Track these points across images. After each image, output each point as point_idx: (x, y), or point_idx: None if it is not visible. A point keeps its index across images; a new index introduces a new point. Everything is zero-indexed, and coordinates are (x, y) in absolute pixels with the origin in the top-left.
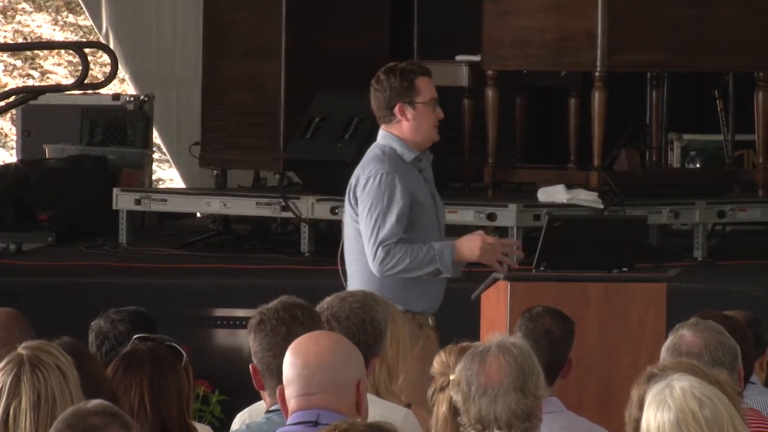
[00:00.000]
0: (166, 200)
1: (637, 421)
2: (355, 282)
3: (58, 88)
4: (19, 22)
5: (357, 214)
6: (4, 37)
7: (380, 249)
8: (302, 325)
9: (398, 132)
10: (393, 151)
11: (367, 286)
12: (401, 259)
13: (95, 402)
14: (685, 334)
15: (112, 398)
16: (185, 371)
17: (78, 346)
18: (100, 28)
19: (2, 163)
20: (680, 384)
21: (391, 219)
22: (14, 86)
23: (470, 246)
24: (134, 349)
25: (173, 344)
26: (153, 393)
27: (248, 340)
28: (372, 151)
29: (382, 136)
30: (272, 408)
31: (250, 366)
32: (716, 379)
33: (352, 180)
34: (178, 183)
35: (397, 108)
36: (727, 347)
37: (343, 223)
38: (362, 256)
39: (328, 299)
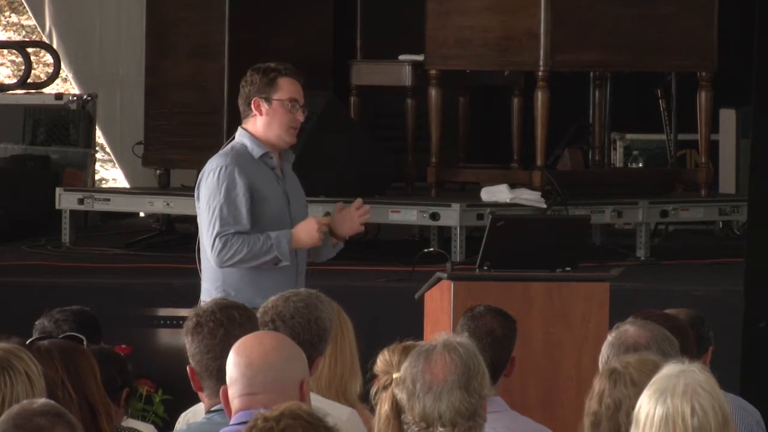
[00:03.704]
0: (109, 200)
1: (595, 414)
2: (205, 276)
3: (1, 88)
4: None
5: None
6: None
7: (217, 240)
8: (240, 326)
9: (252, 127)
10: (243, 147)
11: (213, 280)
12: (239, 249)
13: (41, 402)
14: (628, 329)
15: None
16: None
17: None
18: (43, 28)
19: None
20: (685, 381)
21: (228, 210)
22: None
23: (307, 230)
24: (36, 346)
25: (69, 334)
26: (71, 376)
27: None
28: (223, 147)
29: (238, 133)
30: (213, 408)
31: (187, 368)
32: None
33: (199, 175)
34: (122, 182)
35: (253, 102)
36: (672, 341)
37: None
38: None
39: (272, 299)
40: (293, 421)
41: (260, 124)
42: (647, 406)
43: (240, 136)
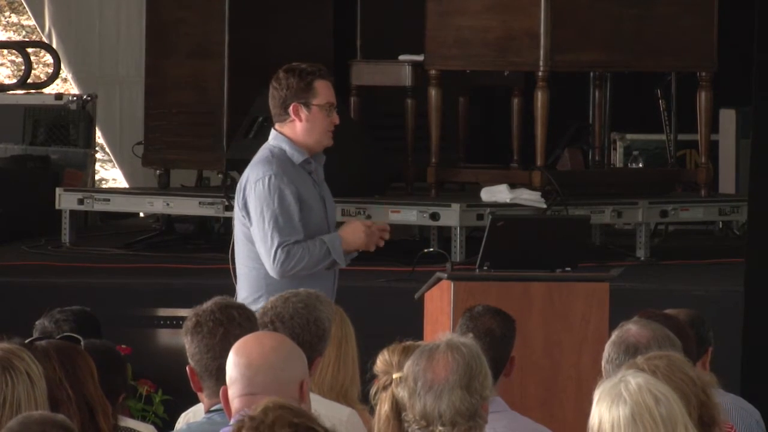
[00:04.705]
0: (109, 200)
1: None
2: (242, 285)
3: (1, 88)
4: None
5: (245, 218)
6: None
7: (280, 251)
8: (239, 326)
9: (290, 132)
10: (282, 152)
11: (254, 290)
12: (301, 257)
13: (60, 417)
14: (630, 328)
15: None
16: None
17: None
18: (42, 28)
19: None
20: (635, 380)
21: (284, 220)
22: None
23: (355, 233)
24: (34, 346)
25: (66, 334)
26: (69, 376)
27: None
28: (261, 152)
29: (273, 136)
30: (213, 408)
31: (187, 368)
32: (693, 370)
33: (241, 182)
34: (121, 183)
35: (291, 108)
36: (674, 341)
37: (233, 224)
38: (249, 261)
39: (272, 299)
40: (281, 411)
41: (299, 130)
42: (609, 415)
43: (277, 141)
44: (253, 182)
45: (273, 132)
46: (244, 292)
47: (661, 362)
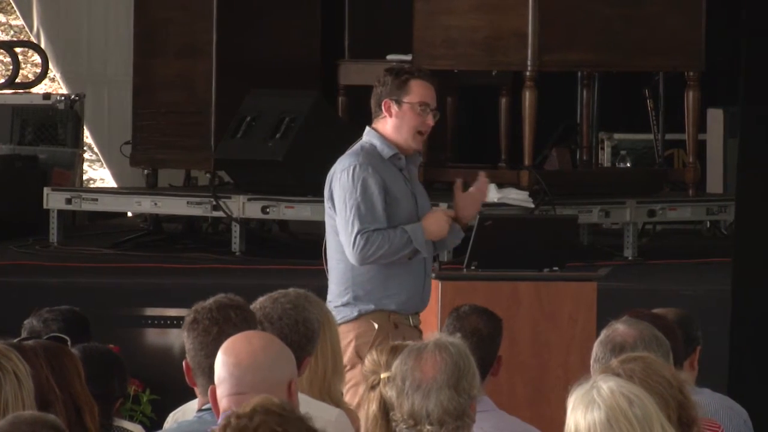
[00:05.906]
0: (96, 199)
1: None
2: (332, 278)
3: None
4: None
5: (332, 209)
6: None
7: (359, 237)
8: (235, 327)
9: (381, 128)
10: (372, 147)
11: (341, 282)
12: (380, 245)
13: (51, 417)
14: (618, 327)
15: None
16: None
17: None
18: (31, 28)
19: None
20: (607, 384)
21: (367, 207)
22: None
23: (437, 223)
24: (21, 346)
25: (53, 335)
26: (56, 374)
27: (181, 338)
28: (352, 147)
29: (366, 132)
30: (203, 407)
31: (183, 362)
32: (667, 370)
33: (329, 174)
34: (110, 182)
35: (384, 104)
36: (662, 341)
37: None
38: (337, 253)
39: (260, 300)
40: (266, 417)
41: (390, 126)
42: (584, 422)
43: (369, 136)
44: (339, 173)
45: (367, 128)
46: (333, 286)
47: (636, 366)
